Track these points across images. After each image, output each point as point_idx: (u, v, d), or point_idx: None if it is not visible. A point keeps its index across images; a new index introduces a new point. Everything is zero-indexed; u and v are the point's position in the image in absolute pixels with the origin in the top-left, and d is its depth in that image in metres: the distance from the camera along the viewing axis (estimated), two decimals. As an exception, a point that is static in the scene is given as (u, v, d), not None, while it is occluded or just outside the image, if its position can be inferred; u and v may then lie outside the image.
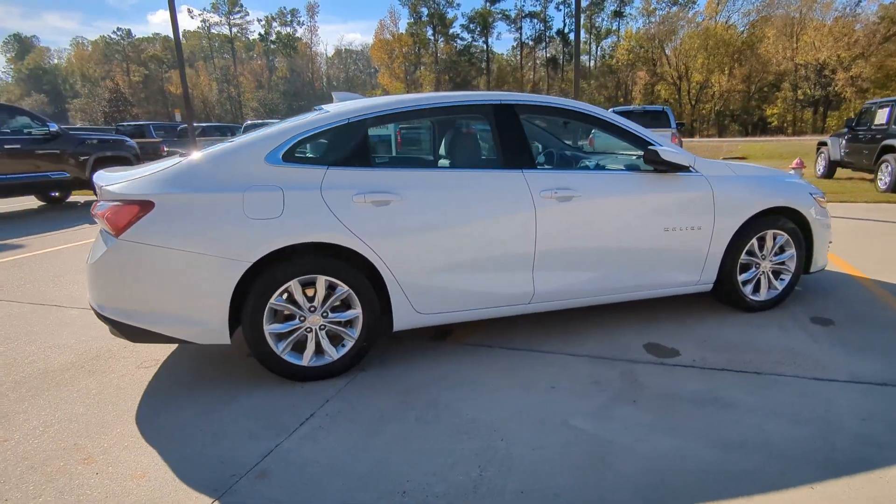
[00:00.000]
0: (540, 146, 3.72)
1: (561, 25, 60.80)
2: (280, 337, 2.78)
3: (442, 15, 53.39)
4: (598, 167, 3.60)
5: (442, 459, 2.18)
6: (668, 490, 1.97)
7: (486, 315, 3.13)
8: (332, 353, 2.86)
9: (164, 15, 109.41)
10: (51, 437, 2.40)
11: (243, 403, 2.66)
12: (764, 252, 3.60)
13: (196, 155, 2.79)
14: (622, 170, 3.33)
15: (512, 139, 3.10)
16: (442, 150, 3.53)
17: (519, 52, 58.76)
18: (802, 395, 2.59)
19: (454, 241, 2.94)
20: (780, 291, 3.69)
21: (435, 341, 3.36)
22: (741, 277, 3.57)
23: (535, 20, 58.23)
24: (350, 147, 2.88)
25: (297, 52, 62.59)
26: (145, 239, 2.56)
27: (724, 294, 3.61)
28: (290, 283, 2.71)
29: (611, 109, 10.85)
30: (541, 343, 3.28)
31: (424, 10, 53.61)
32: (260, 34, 65.27)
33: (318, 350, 2.85)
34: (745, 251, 3.52)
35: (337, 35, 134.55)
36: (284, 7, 71.05)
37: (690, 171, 3.37)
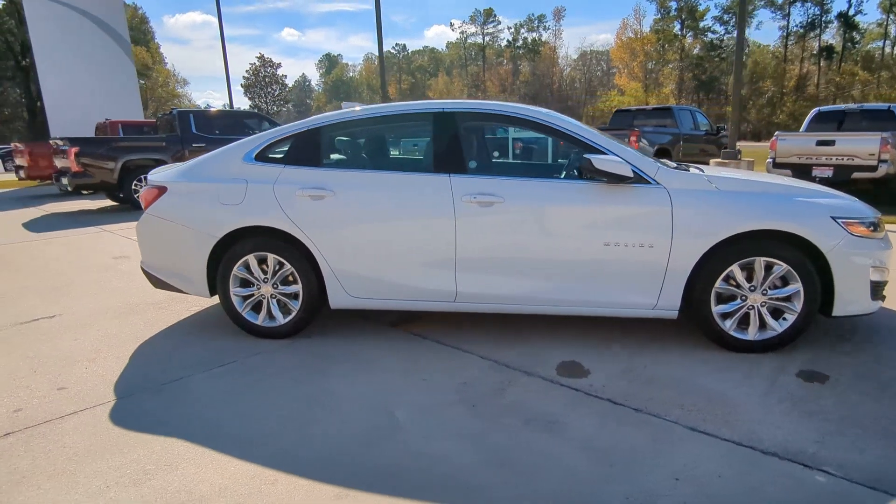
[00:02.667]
0: (497, 153, 3.70)
1: (845, 6, 49.81)
2: (243, 298, 3.52)
3: (693, 8, 48.71)
4: (548, 175, 3.45)
5: (279, 412, 2.63)
6: (400, 480, 2.09)
7: (416, 307, 3.39)
8: (279, 318, 3.49)
9: (437, 29, 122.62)
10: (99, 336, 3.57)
11: (204, 345, 3.47)
12: (754, 283, 3.01)
13: (210, 153, 3.70)
14: (558, 178, 3.19)
15: (445, 145, 3.28)
16: (382, 154, 3.82)
17: (784, 43, 50.16)
18: (665, 447, 2.28)
19: (380, 235, 3.29)
20: (777, 333, 3.03)
21: (384, 326, 3.72)
22: (718, 309, 3.06)
23: (809, 3, 48.98)
24: (305, 150, 3.46)
25: (540, 55, 64.41)
26: (159, 214, 3.55)
27: (700, 325, 3.14)
28: (248, 257, 3.42)
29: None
30: (472, 342, 3.37)
31: (674, 4, 49.79)
32: (508, 41, 69.14)
33: (270, 314, 3.52)
34: (721, 278, 3.01)
35: (579, 37, 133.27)
36: (533, 13, 73.69)
37: (649, 183, 3.04)
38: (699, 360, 3.03)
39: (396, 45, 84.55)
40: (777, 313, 3.06)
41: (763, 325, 3.06)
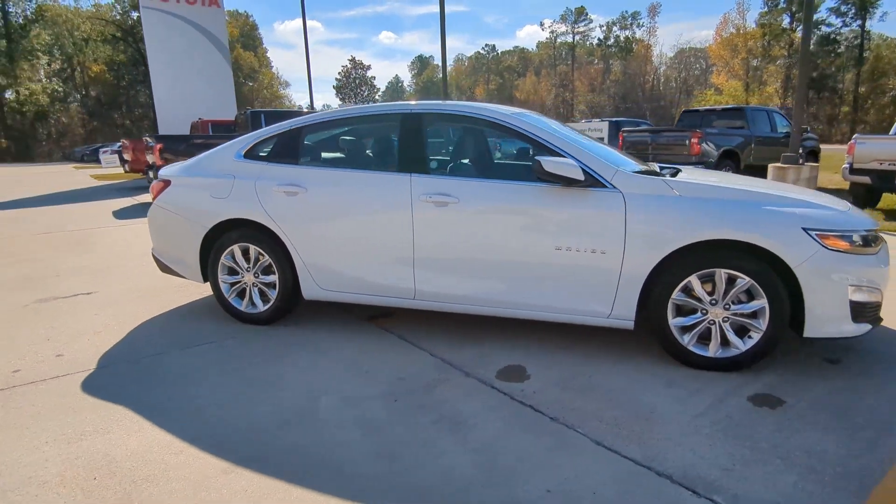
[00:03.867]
0: (462, 153, 3.63)
1: None
2: (230, 285, 3.80)
3: (805, -2, 44.29)
4: (505, 176, 3.36)
5: (224, 390, 2.85)
6: (291, 462, 2.21)
7: (380, 302, 3.49)
8: (260, 306, 3.73)
9: (529, 29, 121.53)
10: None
11: (192, 326, 3.78)
12: (715, 296, 2.81)
13: (211, 150, 4.01)
14: (514, 180, 3.13)
15: (409, 145, 3.34)
16: (354, 153, 3.88)
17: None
18: (558, 459, 2.22)
19: (346, 232, 3.42)
20: (741, 352, 2.80)
21: (360, 319, 3.85)
22: (676, 322, 2.89)
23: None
24: (285, 148, 3.66)
25: (633, 54, 61.76)
26: (164, 205, 3.91)
27: (657, 338, 2.98)
28: (233, 247, 3.69)
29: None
30: (432, 340, 3.41)
31: (783, -4, 45.66)
32: (599, 39, 66.98)
33: (253, 301, 3.76)
34: (679, 289, 2.84)
35: (676, 34, 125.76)
36: (626, 10, 70.84)
37: (605, 187, 2.93)
38: (649, 373, 2.88)
39: (486, 45, 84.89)
40: (744, 330, 2.84)
41: (727, 341, 2.85)
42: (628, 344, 3.26)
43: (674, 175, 3.25)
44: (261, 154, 3.73)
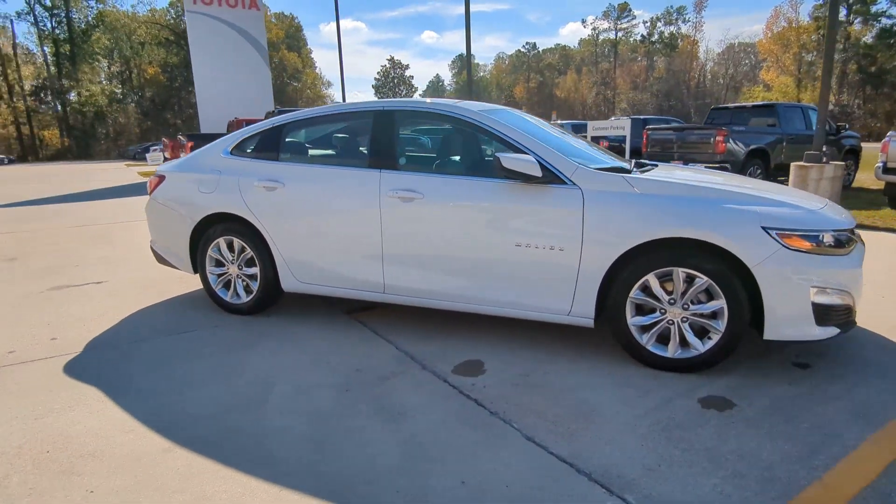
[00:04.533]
0: (432, 149, 3.63)
1: None
2: (217, 276, 3.95)
3: (863, -11, 41.93)
4: (469, 172, 3.35)
5: (189, 375, 2.98)
6: (227, 444, 2.31)
7: (353, 296, 3.56)
8: (243, 297, 3.87)
9: (572, 27, 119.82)
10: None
11: (180, 315, 3.95)
12: (673, 295, 2.75)
13: (203, 147, 4.18)
14: (477, 176, 3.13)
15: (380, 141, 3.40)
16: (330, 150, 3.94)
17: None
18: (484, 452, 2.24)
19: (321, 226, 3.51)
20: (700, 353, 2.74)
21: (339, 312, 3.93)
22: (635, 321, 2.84)
23: None
24: (267, 145, 3.78)
25: (678, 50, 59.94)
26: (159, 199, 4.10)
27: (616, 337, 2.93)
28: (219, 239, 3.84)
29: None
30: (402, 334, 3.46)
31: (840, -14, 43.32)
32: (642, 35, 65.32)
33: (237, 293, 3.90)
34: (637, 288, 2.79)
35: (723, 29, 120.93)
36: (671, 6, 68.72)
37: (564, 183, 2.91)
38: (605, 373, 2.85)
39: (527, 43, 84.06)
40: (704, 331, 2.77)
41: (686, 342, 2.78)
42: (591, 343, 3.22)
43: (645, 171, 3.19)
44: (246, 151, 3.87)
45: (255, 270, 3.77)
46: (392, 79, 64.30)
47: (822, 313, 2.60)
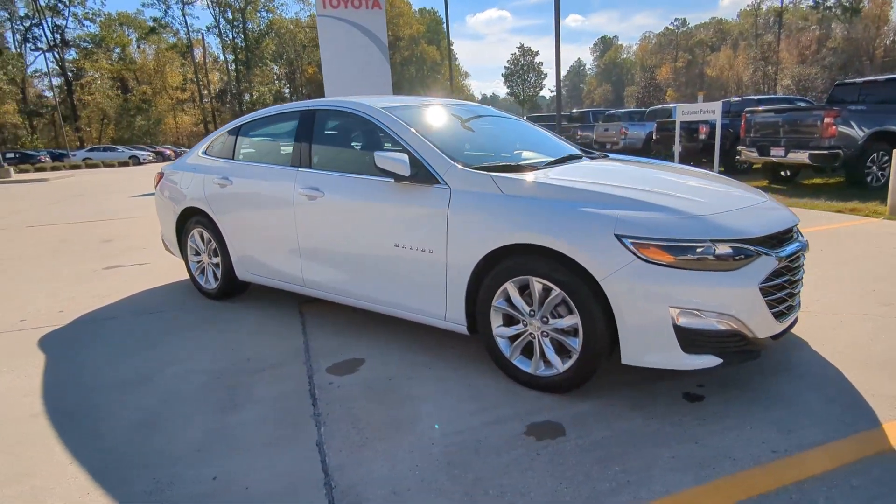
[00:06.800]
0: (343, 147, 3.50)
1: None
2: (197, 264, 4.37)
3: None
4: (363, 171, 3.23)
5: (124, 346, 3.38)
6: (98, 415, 2.61)
7: (286, 287, 3.72)
8: (212, 283, 4.24)
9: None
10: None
11: (160, 297, 4.43)
12: (533, 307, 2.48)
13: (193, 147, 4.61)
14: (368, 174, 3.05)
15: (300, 140, 3.48)
16: (270, 148, 3.98)
17: None
18: (271, 449, 2.27)
19: (254, 221, 3.72)
20: (558, 373, 2.44)
21: (293, 303, 4.11)
22: (500, 331, 2.62)
23: None
24: (227, 145, 4.07)
25: (861, 14, 50.73)
26: (160, 192, 4.63)
27: (486, 347, 2.72)
28: (193, 231, 4.24)
29: None
30: (325, 328, 3.54)
31: None
32: (815, 0, 56.38)
33: (208, 279, 4.28)
34: (499, 296, 2.57)
35: None
36: (860, -40, 58.08)
37: (438, 183, 2.76)
38: (465, 384, 2.67)
39: (675, 19, 77.40)
40: (561, 350, 2.47)
41: (542, 358, 2.51)
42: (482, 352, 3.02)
43: (558, 166, 2.90)
44: (214, 150, 4.21)
45: (219, 260, 4.10)
46: (521, 66, 63.35)
47: (691, 339, 2.18)
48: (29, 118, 49.93)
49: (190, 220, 4.24)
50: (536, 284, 2.43)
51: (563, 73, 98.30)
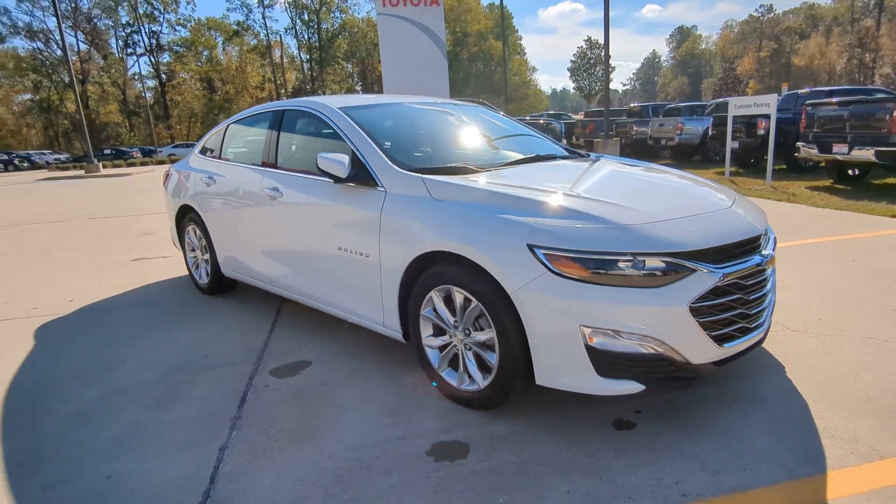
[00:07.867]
0: (302, 147, 3.40)
1: None
2: (193, 259, 4.51)
3: None
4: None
5: (95, 343, 3.55)
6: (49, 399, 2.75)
7: (260, 286, 3.75)
8: (204, 279, 4.36)
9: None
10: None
11: (160, 290, 4.62)
12: (457, 318, 2.35)
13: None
14: (319, 175, 2.99)
15: (269, 140, 3.50)
16: (249, 148, 3.96)
17: None
18: (177, 450, 2.28)
19: (230, 219, 3.79)
20: (478, 389, 2.30)
21: (273, 302, 4.15)
22: (430, 341, 2.50)
23: None
24: (216, 144, 4.17)
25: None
26: (165, 190, 4.83)
27: (417, 357, 2.61)
28: (189, 228, 4.39)
29: None
30: (291, 328, 3.55)
31: None
32: (924, -20, 50.77)
33: (201, 275, 4.42)
34: (426, 304, 2.45)
35: None
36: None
37: (376, 186, 2.67)
38: (395, 395, 2.58)
39: (761, 6, 72.34)
40: (482, 365, 2.32)
41: (467, 372, 2.37)
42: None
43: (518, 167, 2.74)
44: (206, 150, 4.32)
45: (208, 256, 4.22)
46: (588, 60, 61.44)
47: (606, 362, 1.97)
48: (128, 117, 54.44)
49: (186, 217, 4.39)
50: (458, 295, 2.30)
51: (637, 65, 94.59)
